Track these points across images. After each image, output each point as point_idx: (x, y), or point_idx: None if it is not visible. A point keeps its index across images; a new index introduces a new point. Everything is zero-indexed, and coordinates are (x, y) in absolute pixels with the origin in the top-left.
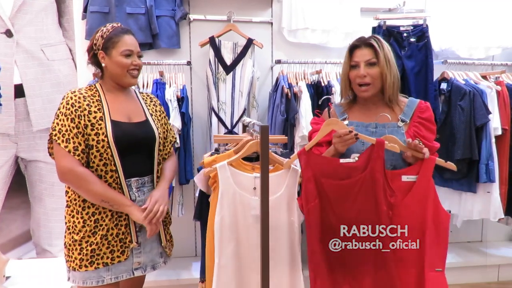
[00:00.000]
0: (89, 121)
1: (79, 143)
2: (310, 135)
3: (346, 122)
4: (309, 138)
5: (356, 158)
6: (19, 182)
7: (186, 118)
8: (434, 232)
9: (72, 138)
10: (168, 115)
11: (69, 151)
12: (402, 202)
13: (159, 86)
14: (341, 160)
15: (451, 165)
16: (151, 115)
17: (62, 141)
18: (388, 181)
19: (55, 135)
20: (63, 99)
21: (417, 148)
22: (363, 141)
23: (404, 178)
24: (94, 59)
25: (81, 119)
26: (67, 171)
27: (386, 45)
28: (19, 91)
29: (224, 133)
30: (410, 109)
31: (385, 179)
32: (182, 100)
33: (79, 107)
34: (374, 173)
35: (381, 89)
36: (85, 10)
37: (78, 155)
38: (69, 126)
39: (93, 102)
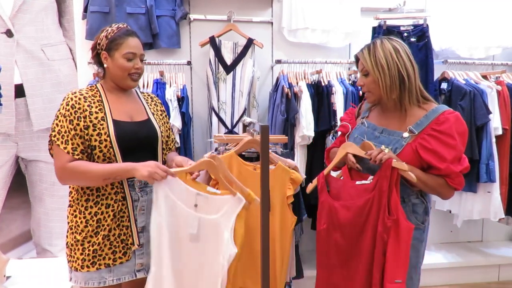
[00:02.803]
0: (91, 121)
1: (78, 144)
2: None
3: (362, 120)
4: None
5: (371, 179)
6: (19, 182)
7: (186, 118)
8: (395, 243)
9: (71, 139)
10: (168, 115)
11: (68, 152)
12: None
13: (159, 86)
14: (357, 182)
15: (409, 175)
16: (153, 114)
17: (62, 142)
18: (391, 203)
19: (54, 136)
20: (63, 100)
21: (371, 156)
22: (374, 128)
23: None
24: (96, 59)
25: (80, 121)
26: (61, 171)
27: (382, 49)
28: (19, 91)
29: (225, 133)
30: (427, 119)
31: (388, 200)
32: (182, 100)
33: (79, 108)
34: (381, 193)
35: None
36: (85, 10)
37: (77, 155)
38: (67, 127)
39: (94, 103)
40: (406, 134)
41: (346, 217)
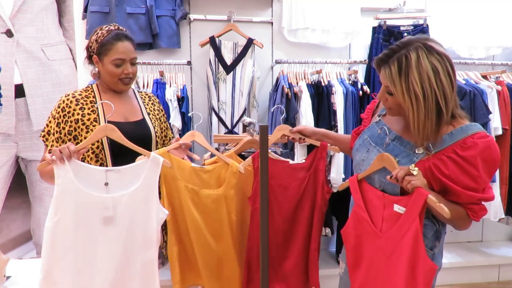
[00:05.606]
0: (83, 124)
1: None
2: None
3: (378, 118)
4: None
5: (304, 160)
6: (19, 182)
7: (186, 118)
8: (412, 284)
9: (53, 141)
10: (168, 115)
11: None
12: (386, 233)
13: (159, 86)
14: (291, 162)
15: (442, 209)
16: (149, 114)
17: (48, 142)
18: (326, 180)
19: (44, 136)
20: (57, 101)
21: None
22: (386, 133)
23: (396, 207)
24: (90, 60)
25: (66, 125)
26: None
27: (418, 71)
28: (19, 91)
29: (224, 133)
30: (451, 138)
31: (325, 177)
32: (182, 100)
33: (68, 112)
34: (317, 172)
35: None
36: (85, 10)
37: None
38: (54, 129)
39: (86, 104)
40: (420, 150)
41: (283, 195)
